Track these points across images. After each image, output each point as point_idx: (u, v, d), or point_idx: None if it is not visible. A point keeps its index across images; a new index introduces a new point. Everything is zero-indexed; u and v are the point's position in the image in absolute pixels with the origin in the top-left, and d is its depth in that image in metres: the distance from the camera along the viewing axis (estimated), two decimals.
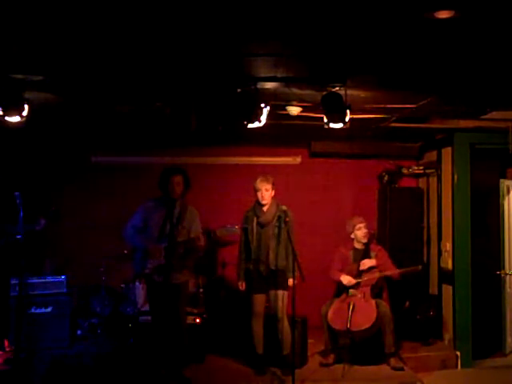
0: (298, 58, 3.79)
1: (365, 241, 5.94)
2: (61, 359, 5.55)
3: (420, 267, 5.93)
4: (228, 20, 3.06)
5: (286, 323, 5.35)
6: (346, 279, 5.76)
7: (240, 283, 5.52)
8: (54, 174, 7.01)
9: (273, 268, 5.32)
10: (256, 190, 5.41)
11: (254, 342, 5.47)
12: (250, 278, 5.45)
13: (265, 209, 5.42)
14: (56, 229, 6.48)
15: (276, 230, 5.35)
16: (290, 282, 5.25)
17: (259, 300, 5.43)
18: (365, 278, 5.75)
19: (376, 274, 5.76)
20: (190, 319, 5.80)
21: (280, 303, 5.32)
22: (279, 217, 5.32)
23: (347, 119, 4.35)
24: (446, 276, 6.61)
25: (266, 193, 5.39)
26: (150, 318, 5.57)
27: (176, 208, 5.03)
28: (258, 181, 5.41)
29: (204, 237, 5.05)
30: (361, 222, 5.95)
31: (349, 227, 6.00)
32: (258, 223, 5.42)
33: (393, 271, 5.83)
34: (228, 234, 5.08)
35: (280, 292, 5.32)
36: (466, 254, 6.33)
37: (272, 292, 5.37)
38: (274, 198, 5.45)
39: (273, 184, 5.43)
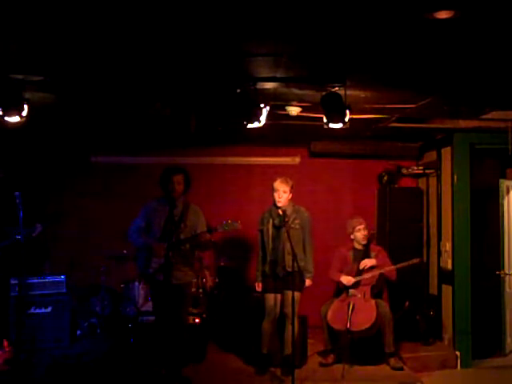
0: (297, 58, 3.79)
1: (364, 242, 5.93)
2: (61, 359, 5.54)
3: (419, 260, 5.91)
4: (228, 20, 3.06)
5: (295, 324, 5.28)
6: (346, 279, 5.76)
7: (256, 284, 5.50)
8: (53, 174, 7.01)
9: (289, 270, 5.26)
10: (274, 191, 5.39)
11: (262, 341, 5.45)
12: (266, 280, 5.43)
13: (280, 210, 5.41)
14: (55, 229, 6.49)
15: (292, 232, 5.32)
16: (308, 282, 5.23)
17: (272, 299, 5.40)
18: (365, 277, 5.74)
19: (376, 272, 5.75)
20: (189, 319, 5.81)
21: (294, 304, 5.26)
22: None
23: (347, 119, 4.35)
24: (445, 276, 6.61)
25: (283, 194, 5.35)
26: (149, 318, 5.59)
27: (177, 207, 5.04)
28: (278, 181, 5.39)
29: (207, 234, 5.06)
30: (360, 224, 5.93)
31: (349, 228, 5.99)
32: (274, 225, 5.41)
33: (392, 267, 5.80)
34: (229, 230, 5.08)
35: (295, 293, 5.20)
36: (465, 254, 6.33)
37: (286, 292, 5.29)
38: (291, 200, 5.44)
39: (291, 187, 5.40)
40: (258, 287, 5.50)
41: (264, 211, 5.55)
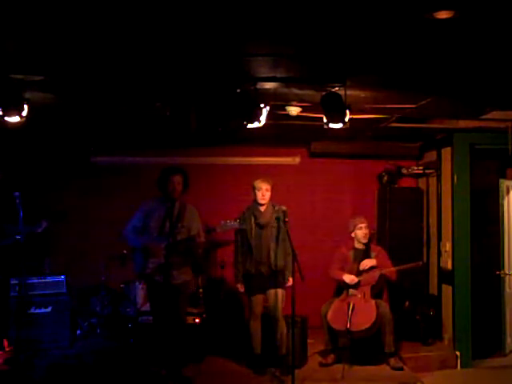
0: (297, 58, 3.79)
1: (364, 241, 5.94)
2: (61, 359, 5.55)
3: (420, 263, 5.95)
4: (228, 20, 3.06)
5: (282, 323, 5.36)
6: (349, 278, 5.75)
7: (239, 285, 5.49)
8: (53, 174, 7.00)
9: (274, 269, 5.33)
10: (256, 190, 5.41)
11: (253, 342, 5.47)
12: (249, 279, 5.44)
13: (262, 209, 5.43)
14: (56, 229, 6.48)
15: (275, 231, 5.35)
16: (291, 281, 5.28)
17: (258, 300, 5.43)
18: (365, 277, 5.75)
19: (376, 273, 5.76)
20: (189, 319, 5.81)
21: (279, 302, 5.34)
22: (278, 217, 5.31)
23: (347, 119, 4.35)
24: (445, 276, 6.61)
25: (266, 193, 5.40)
26: (149, 318, 5.59)
27: (175, 207, 5.04)
28: (259, 180, 5.43)
29: (204, 234, 5.07)
30: (362, 222, 5.95)
31: (350, 226, 6.01)
32: (257, 224, 5.41)
33: (393, 268, 5.82)
34: (228, 230, 5.10)
35: (279, 291, 5.34)
36: (465, 254, 6.34)
37: (271, 291, 5.37)
38: (270, 199, 5.46)
39: (271, 186, 5.45)
40: (242, 288, 5.48)
41: (243, 210, 5.55)
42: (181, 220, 5.02)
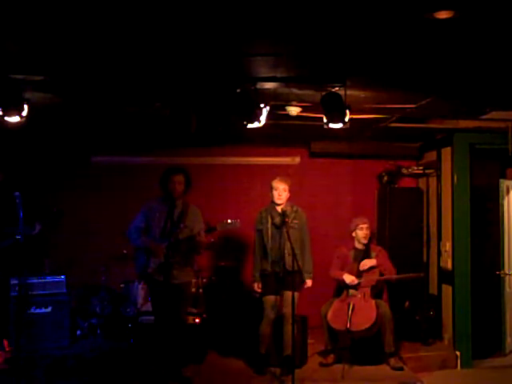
0: (297, 57, 3.79)
1: (364, 241, 5.94)
2: (60, 359, 5.54)
3: (422, 274, 5.97)
4: (228, 20, 3.06)
5: (290, 324, 5.33)
6: (349, 278, 5.75)
7: (256, 284, 5.45)
8: (53, 174, 7.00)
9: (290, 269, 5.25)
10: (273, 189, 5.41)
11: (260, 341, 5.44)
12: (265, 280, 5.42)
13: (279, 209, 5.41)
14: (56, 229, 6.48)
15: (292, 232, 5.32)
16: (309, 282, 5.25)
17: (270, 302, 5.40)
18: (365, 278, 5.75)
19: (375, 277, 5.77)
20: (189, 319, 5.81)
21: (291, 305, 5.29)
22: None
23: (347, 119, 4.35)
24: (445, 276, 6.61)
25: (283, 193, 5.39)
26: (150, 318, 5.59)
27: (177, 207, 5.05)
28: (277, 180, 5.42)
29: (205, 233, 5.07)
30: (364, 223, 5.95)
31: (351, 225, 6.02)
32: (274, 224, 5.40)
33: (393, 275, 5.84)
34: (229, 229, 5.10)
35: (293, 293, 5.27)
36: (465, 254, 6.33)
37: (284, 292, 5.30)
38: (288, 200, 5.45)
39: (289, 186, 5.44)
40: (258, 288, 5.47)
41: (260, 210, 5.55)
42: (183, 220, 5.02)
